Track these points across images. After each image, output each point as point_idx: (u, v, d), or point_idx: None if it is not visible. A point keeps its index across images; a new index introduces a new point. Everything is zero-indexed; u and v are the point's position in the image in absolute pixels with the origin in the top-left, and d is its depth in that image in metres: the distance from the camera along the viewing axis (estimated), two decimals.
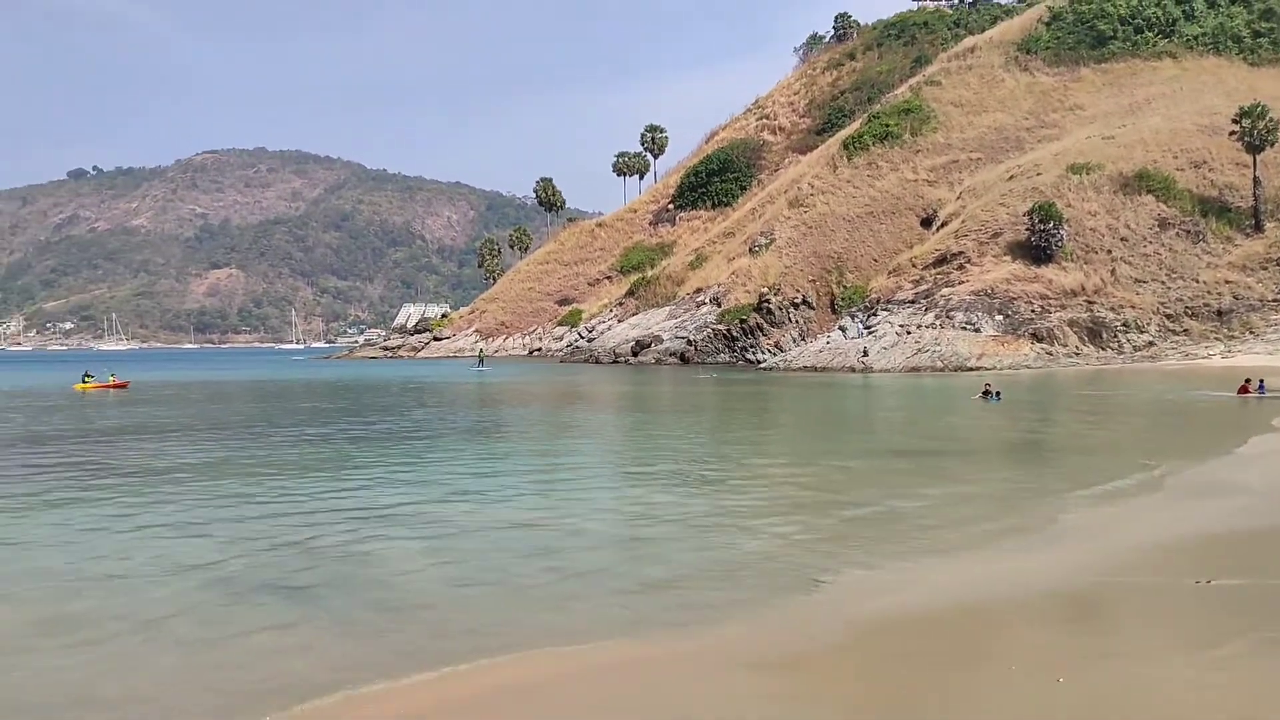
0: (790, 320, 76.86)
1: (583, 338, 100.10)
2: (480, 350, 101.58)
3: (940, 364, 58.02)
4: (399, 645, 8.68)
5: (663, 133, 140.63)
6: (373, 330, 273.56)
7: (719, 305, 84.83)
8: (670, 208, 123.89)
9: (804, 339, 73.88)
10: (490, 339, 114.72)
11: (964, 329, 61.22)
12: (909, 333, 62.72)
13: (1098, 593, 10.38)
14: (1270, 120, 63.70)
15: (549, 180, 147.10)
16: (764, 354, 73.78)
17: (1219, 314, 61.53)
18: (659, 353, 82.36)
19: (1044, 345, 60.02)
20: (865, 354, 61.87)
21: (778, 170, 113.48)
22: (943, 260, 68.87)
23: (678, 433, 28.25)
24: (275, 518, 14.45)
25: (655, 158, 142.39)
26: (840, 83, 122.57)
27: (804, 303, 77.58)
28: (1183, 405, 34.05)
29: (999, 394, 35.37)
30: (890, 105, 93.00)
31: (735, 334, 78.11)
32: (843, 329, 69.56)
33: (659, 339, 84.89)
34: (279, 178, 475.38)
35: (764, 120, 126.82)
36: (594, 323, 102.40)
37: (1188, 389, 39.15)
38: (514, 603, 10.01)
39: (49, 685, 7.80)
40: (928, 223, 78.16)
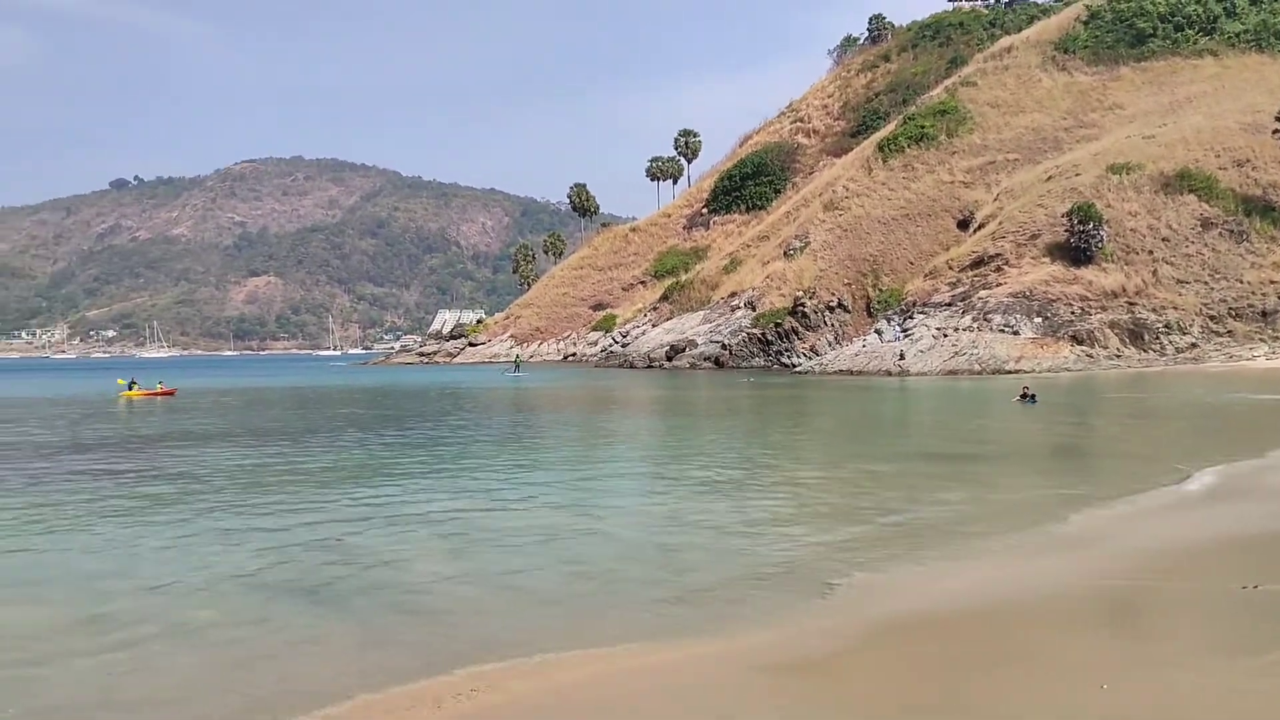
0: (825, 324, 76.46)
1: (617, 343, 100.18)
2: (516, 356, 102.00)
3: (978, 367, 57.49)
4: (420, 650, 8.72)
5: (696, 137, 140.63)
6: (409, 336, 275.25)
7: (753, 309, 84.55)
8: (704, 212, 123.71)
9: (839, 342, 73.47)
10: (525, 344, 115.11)
11: (1002, 331, 60.61)
12: (946, 336, 62.19)
13: (1136, 598, 10.23)
14: None
15: (583, 186, 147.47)
16: (799, 358, 73.44)
17: (1263, 315, 60.50)
18: (693, 357, 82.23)
19: (1084, 347, 59.31)
20: (902, 357, 61.43)
21: (812, 173, 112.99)
22: (980, 262, 68.23)
23: (710, 437, 28.19)
24: (309, 523, 14.55)
25: (689, 162, 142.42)
26: (875, 85, 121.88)
27: (839, 306, 77.15)
28: (1221, 408, 33.51)
29: (1034, 396, 35.01)
30: (926, 107, 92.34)
31: (770, 338, 77.81)
32: (879, 332, 69.12)
33: (693, 343, 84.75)
34: (316, 186, 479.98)
35: (798, 123, 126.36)
36: (628, 327, 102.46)
37: (1229, 392, 38.51)
38: (537, 608, 10.02)
39: (78, 686, 7.92)
40: (964, 225, 77.48)
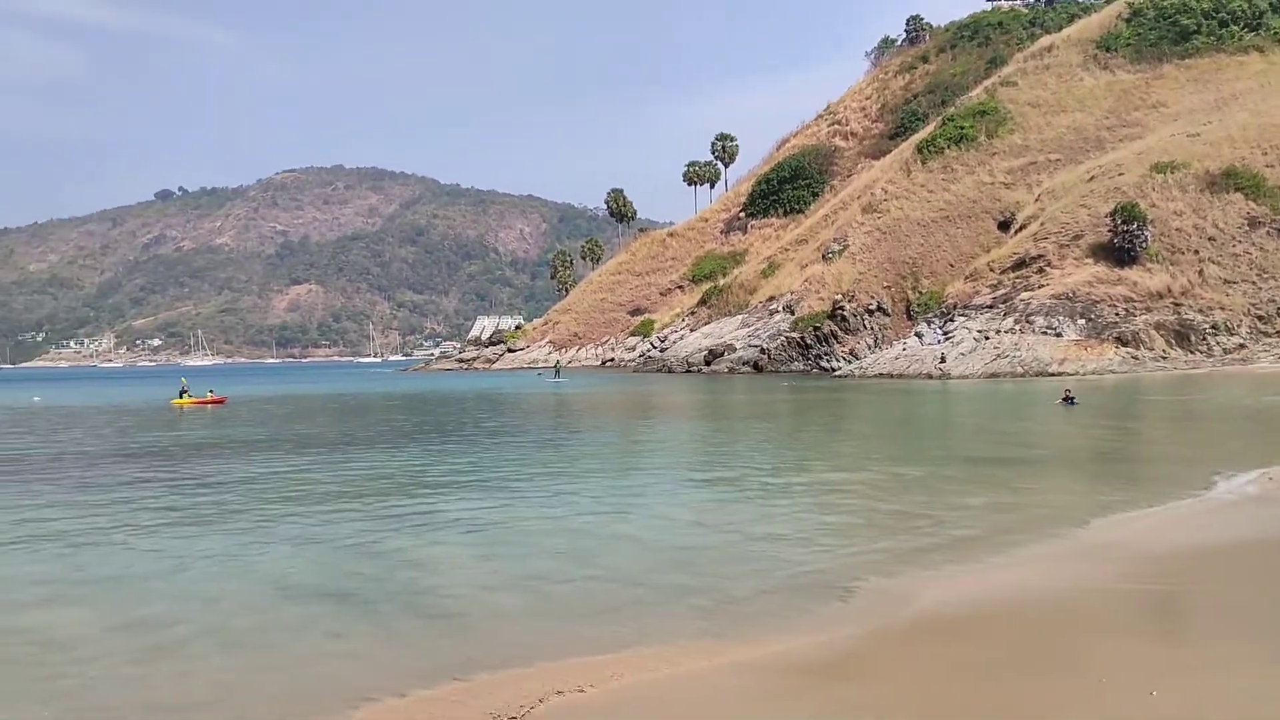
0: (865, 327, 75.95)
1: (655, 347, 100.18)
2: (556, 362, 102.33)
3: (1020, 369, 56.86)
4: (447, 654, 8.75)
5: (733, 141, 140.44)
6: (448, 343, 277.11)
7: (792, 313, 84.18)
8: (742, 216, 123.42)
9: (879, 346, 72.94)
10: (563, 350, 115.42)
11: (1045, 333, 59.90)
12: (987, 338, 61.57)
13: (1177, 603, 10.08)
14: None
15: (620, 191, 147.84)
16: (838, 361, 73.00)
17: None
18: (732, 361, 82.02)
19: (1129, 349, 58.45)
20: (943, 360, 60.90)
21: (850, 176, 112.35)
22: (1021, 264, 67.48)
23: (747, 441, 28.09)
24: (348, 528, 14.69)
25: (726, 166, 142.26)
26: (913, 86, 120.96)
27: (879, 309, 76.59)
28: (1265, 411, 32.91)
29: (1074, 399, 34.66)
30: (965, 107, 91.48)
31: (809, 342, 77.40)
32: (919, 335, 68.56)
33: (732, 348, 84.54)
34: (356, 194, 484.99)
35: (835, 126, 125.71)
36: (666, 332, 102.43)
37: (1275, 394, 37.81)
38: (568, 613, 10.01)
39: (115, 688, 8.04)
40: (1005, 226, 76.64)
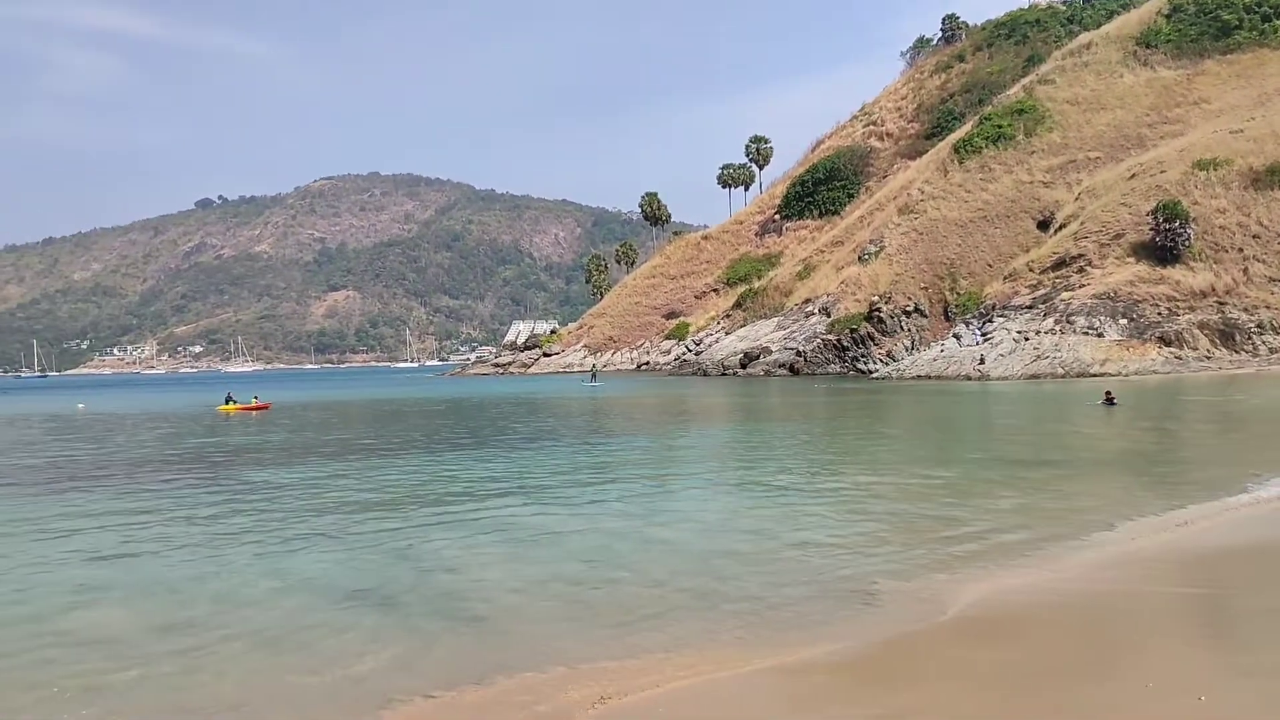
0: (902, 329, 75.40)
1: (690, 350, 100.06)
2: (593, 365, 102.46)
3: (1061, 370, 56.17)
4: (485, 657, 8.75)
5: (767, 143, 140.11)
6: (484, 347, 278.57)
7: (828, 315, 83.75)
8: (776, 218, 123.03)
9: (916, 348, 72.38)
10: (598, 354, 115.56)
11: (1086, 334, 59.14)
12: (1027, 339, 60.91)
13: (1220, 607, 9.84)
14: None
15: (654, 195, 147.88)
16: (875, 363, 72.50)
17: None
18: (768, 364, 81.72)
19: (1172, 349, 57.55)
20: (981, 361, 60.31)
21: (886, 177, 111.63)
22: (1061, 263, 66.72)
23: (781, 444, 27.91)
24: (386, 531, 14.77)
25: (760, 169, 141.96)
26: (949, 85, 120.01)
27: (916, 310, 76.02)
28: None
29: (1115, 400, 34.19)
30: (1002, 106, 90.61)
31: (846, 344, 76.96)
32: (957, 336, 67.98)
33: (767, 350, 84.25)
34: (392, 201, 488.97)
35: (871, 127, 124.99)
36: (701, 335, 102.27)
37: None
38: (600, 617, 9.97)
39: (149, 689, 8.15)
40: (1044, 225, 75.78)
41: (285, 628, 9.71)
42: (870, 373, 70.56)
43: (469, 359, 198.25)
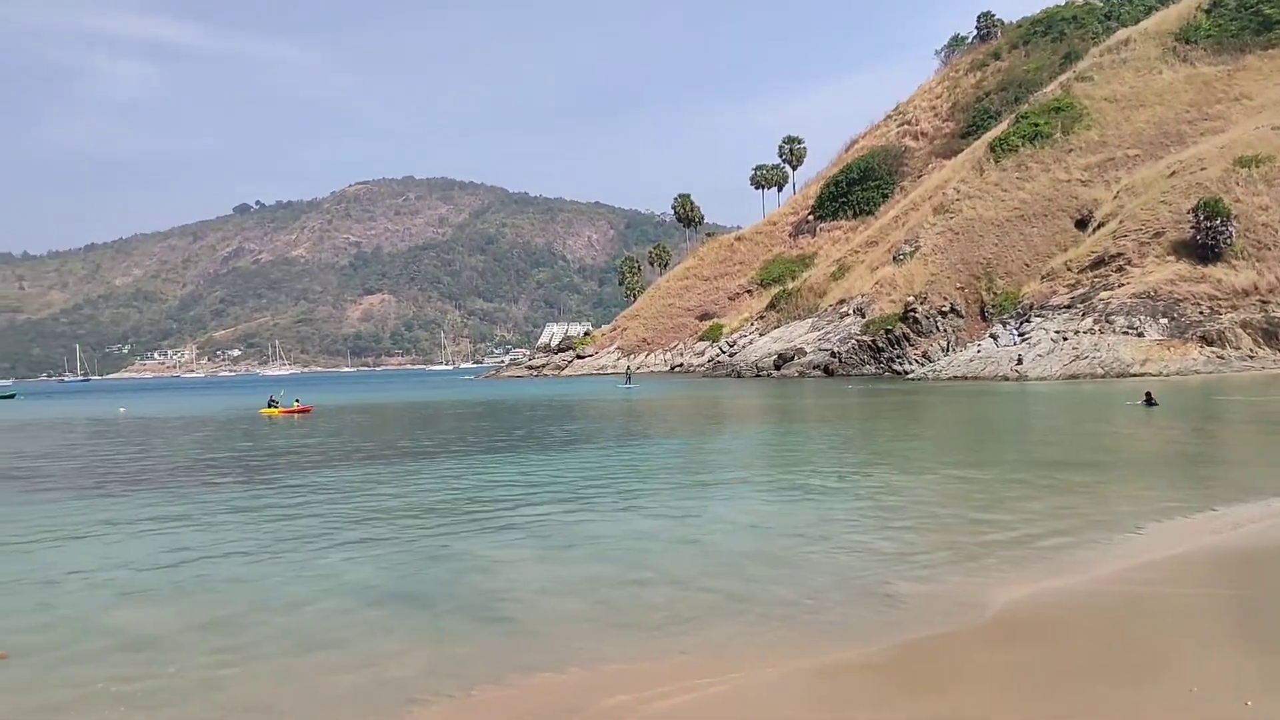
0: (938, 329, 74.81)
1: (724, 352, 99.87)
2: (628, 368, 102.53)
3: (1100, 370, 55.48)
4: (517, 658, 8.76)
5: (801, 144, 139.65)
6: (518, 350, 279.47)
7: (863, 316, 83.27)
8: (810, 219, 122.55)
9: (953, 348, 71.79)
10: (632, 356, 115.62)
11: (1126, 333, 58.38)
12: (1066, 339, 60.22)
13: (1264, 610, 9.65)
14: None
15: (687, 196, 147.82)
16: (911, 364, 71.98)
17: None
18: (802, 365, 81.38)
19: (1214, 349, 56.64)
20: (1019, 362, 59.70)
21: (921, 176, 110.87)
22: (1100, 262, 65.92)
23: (816, 445, 27.74)
24: (423, 533, 14.86)
25: (794, 169, 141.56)
26: (985, 84, 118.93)
27: (952, 311, 75.40)
28: None
29: (1155, 400, 33.74)
30: (1039, 104, 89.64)
31: (881, 344, 76.46)
32: (994, 337, 67.36)
33: (802, 351, 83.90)
34: (426, 205, 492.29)
35: (905, 126, 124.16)
36: (735, 337, 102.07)
37: None
38: (631, 619, 9.94)
39: (185, 687, 8.24)
40: (1083, 224, 74.89)
41: (320, 628, 9.78)
42: (906, 373, 70.07)
43: (503, 361, 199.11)
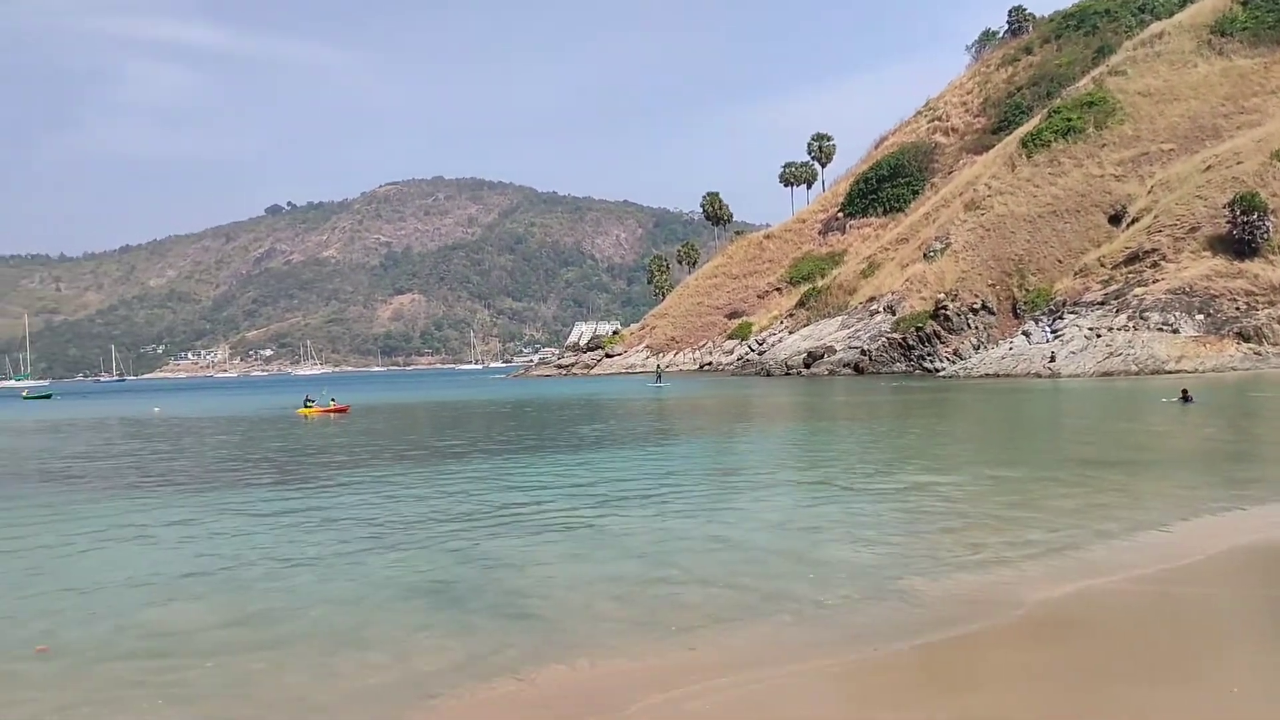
0: (969, 326, 74.27)
1: (753, 350, 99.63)
2: (657, 366, 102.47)
3: (1135, 368, 54.90)
4: (543, 653, 8.80)
5: (830, 141, 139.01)
6: (547, 349, 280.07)
7: (893, 313, 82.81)
8: (840, 216, 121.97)
9: (984, 346, 71.26)
10: (661, 354, 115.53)
11: (1160, 330, 57.73)
12: (1099, 336, 59.64)
13: None
14: None
15: (715, 195, 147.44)
16: (942, 362, 71.50)
17: None
18: (832, 364, 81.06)
19: (1251, 345, 55.90)
20: (1052, 359, 59.18)
21: (951, 173, 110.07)
22: (1134, 258, 65.22)
23: (846, 444, 27.63)
24: (456, 531, 14.94)
25: (823, 166, 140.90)
26: (1016, 79, 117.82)
27: (983, 308, 74.83)
28: None
29: (1191, 397, 33.33)
30: (1072, 99, 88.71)
31: (911, 342, 75.99)
32: (1026, 334, 66.82)
33: (832, 349, 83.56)
34: (456, 205, 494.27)
35: (935, 122, 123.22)
36: (764, 335, 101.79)
37: None
38: (658, 616, 9.94)
39: (218, 681, 8.36)
40: (1116, 220, 74.11)
41: (352, 624, 9.87)
42: (937, 371, 69.63)
43: (532, 360, 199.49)
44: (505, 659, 8.62)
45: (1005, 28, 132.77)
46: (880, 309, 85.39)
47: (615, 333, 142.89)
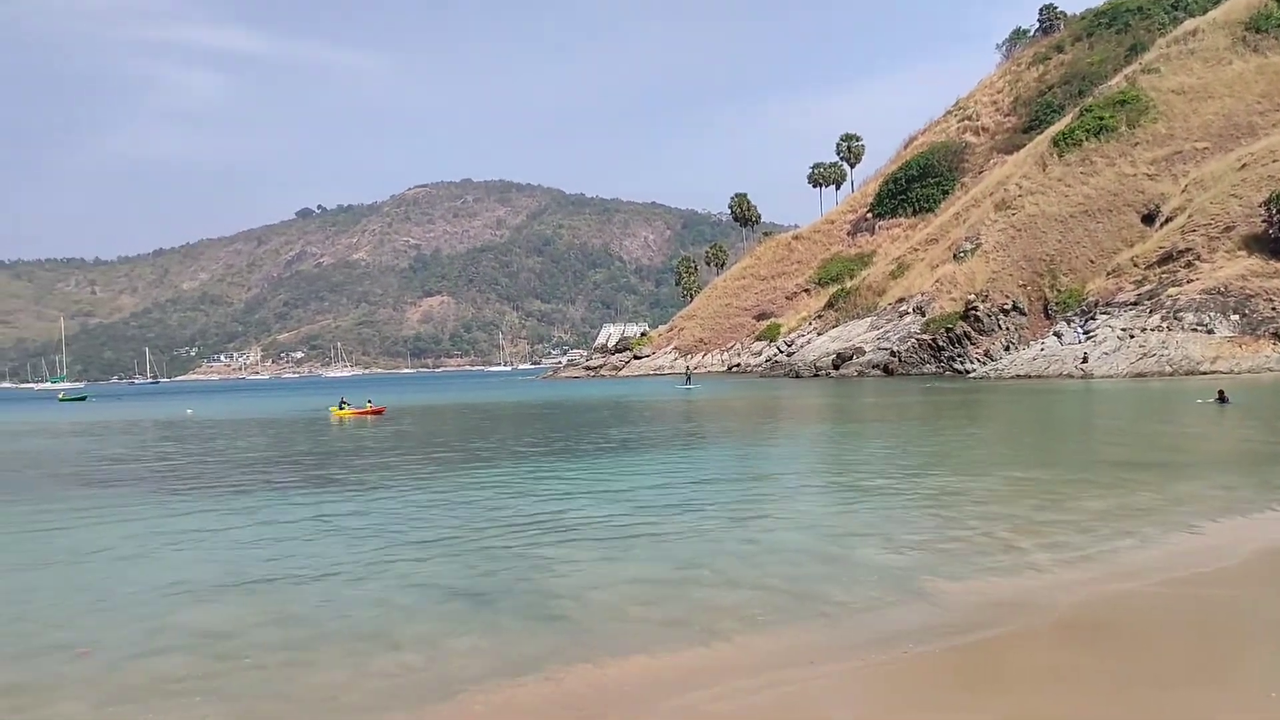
0: (1000, 327, 73.72)
1: (782, 352, 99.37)
2: (687, 368, 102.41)
3: (1169, 368, 54.30)
4: (564, 654, 8.84)
5: (859, 141, 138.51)
6: (575, 350, 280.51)
7: (923, 314, 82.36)
8: (869, 216, 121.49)
9: (1015, 346, 70.71)
10: (689, 356, 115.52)
11: (1195, 330, 57.05)
12: (1132, 336, 59.03)
13: None
14: None
15: (744, 195, 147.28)
16: (972, 363, 71.03)
17: None
18: (861, 365, 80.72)
19: None
20: (1084, 360, 58.64)
21: (982, 172, 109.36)
22: (1168, 258, 64.50)
23: (875, 446, 27.45)
24: (487, 531, 15.03)
25: (852, 167, 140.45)
26: (1047, 77, 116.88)
27: (1014, 309, 74.26)
28: None
29: (1227, 398, 32.93)
30: (1104, 97, 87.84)
31: (941, 343, 75.54)
32: (1058, 335, 66.25)
33: (860, 351, 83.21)
34: (484, 207, 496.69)
35: (965, 121, 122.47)
36: (793, 336, 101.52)
37: None
38: (687, 617, 9.93)
39: (255, 679, 8.49)
40: (1149, 219, 73.31)
41: (384, 624, 9.95)
42: (967, 372, 69.17)
43: (560, 362, 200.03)
44: (535, 659, 8.66)
45: (1036, 26, 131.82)
46: (910, 310, 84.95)
47: (643, 334, 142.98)
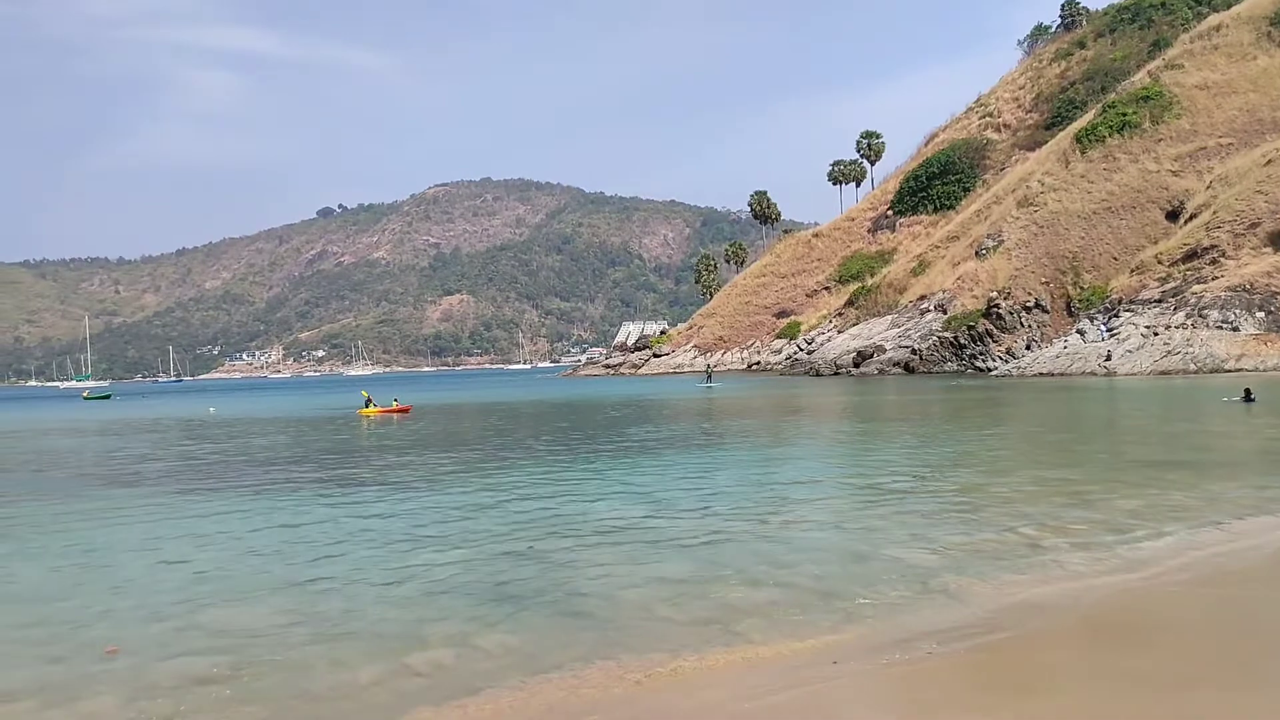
0: (1022, 325, 73.32)
1: (802, 350, 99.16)
2: (708, 366, 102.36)
3: (1193, 366, 53.87)
4: (587, 652, 8.87)
5: (879, 138, 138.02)
6: (594, 349, 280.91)
7: (944, 312, 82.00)
8: (889, 214, 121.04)
9: (1038, 344, 70.30)
10: (708, 354, 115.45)
11: (1220, 328, 56.58)
12: (1156, 334, 58.60)
13: None
14: None
15: (763, 193, 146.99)
16: (994, 361, 70.65)
17: None
18: (881, 363, 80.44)
19: None
20: (1108, 358, 58.24)
21: (1003, 169, 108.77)
22: (1192, 255, 63.98)
23: (897, 445, 27.34)
24: (512, 530, 15.06)
25: (872, 164, 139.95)
26: (1069, 73, 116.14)
27: (1037, 306, 73.83)
28: None
29: (1253, 396, 32.63)
30: (1127, 93, 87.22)
31: (963, 341, 75.19)
32: (1081, 332, 65.82)
33: (881, 349, 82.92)
34: (504, 205, 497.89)
35: (987, 118, 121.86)
36: (813, 334, 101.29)
37: None
38: (711, 616, 9.94)
39: (280, 676, 8.53)
40: (1173, 216, 72.73)
41: (409, 623, 9.99)
42: (989, 370, 68.82)
43: (580, 360, 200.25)
44: (561, 657, 8.68)
45: (1058, 22, 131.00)
46: (931, 307, 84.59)
47: (663, 332, 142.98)
